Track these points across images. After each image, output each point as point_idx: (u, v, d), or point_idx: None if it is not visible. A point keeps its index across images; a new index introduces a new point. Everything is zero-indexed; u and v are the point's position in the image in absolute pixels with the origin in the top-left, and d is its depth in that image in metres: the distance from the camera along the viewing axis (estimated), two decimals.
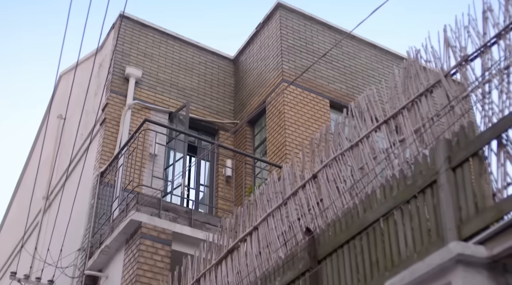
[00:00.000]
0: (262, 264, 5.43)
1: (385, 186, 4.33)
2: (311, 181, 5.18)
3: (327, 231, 4.73)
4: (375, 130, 4.75)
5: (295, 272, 4.88)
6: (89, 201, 9.82)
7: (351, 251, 4.44)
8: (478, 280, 3.22)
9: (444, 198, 3.78)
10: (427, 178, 3.99)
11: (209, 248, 6.31)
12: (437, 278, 3.32)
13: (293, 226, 5.20)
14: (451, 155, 3.86)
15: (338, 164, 4.96)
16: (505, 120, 3.63)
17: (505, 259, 3.27)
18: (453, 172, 3.83)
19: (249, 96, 11.70)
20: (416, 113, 4.47)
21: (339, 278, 4.46)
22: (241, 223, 5.93)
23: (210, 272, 6.16)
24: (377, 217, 4.29)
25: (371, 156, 4.69)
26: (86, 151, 10.96)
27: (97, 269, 9.05)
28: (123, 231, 8.45)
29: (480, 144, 3.71)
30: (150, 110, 10.99)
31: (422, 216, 3.96)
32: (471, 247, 3.29)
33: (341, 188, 4.83)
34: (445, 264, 3.27)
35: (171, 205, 8.86)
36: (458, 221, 3.64)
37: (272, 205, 5.56)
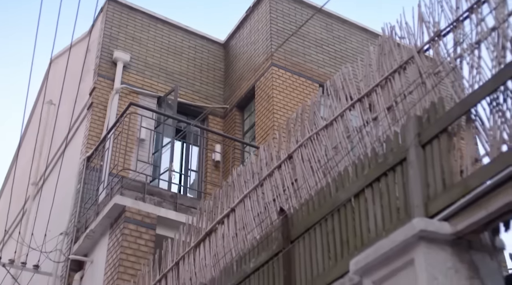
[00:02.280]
0: (238, 246, 5.36)
1: (357, 164, 4.25)
2: (286, 162, 5.10)
3: (300, 211, 4.65)
4: (350, 109, 4.67)
5: (269, 253, 4.81)
6: (75, 186, 9.75)
7: (322, 230, 4.37)
8: (442, 257, 3.15)
9: (412, 175, 3.70)
10: (398, 155, 3.91)
11: (188, 231, 6.25)
12: (400, 255, 3.25)
13: (268, 207, 5.13)
14: (421, 132, 3.78)
15: (313, 143, 4.88)
16: (474, 95, 3.54)
17: (470, 235, 3.19)
18: (423, 149, 3.75)
19: (238, 80, 11.60)
20: (389, 91, 4.39)
21: (311, 258, 4.38)
22: (219, 205, 5.86)
23: (189, 255, 6.09)
24: (349, 196, 4.21)
25: (344, 135, 4.61)
26: (74, 136, 10.90)
27: (83, 253, 9.00)
28: (107, 215, 8.39)
29: (449, 120, 3.62)
30: (138, 95, 10.90)
31: (392, 194, 3.88)
32: (435, 223, 3.21)
33: (315, 168, 4.75)
34: (408, 240, 3.20)
35: (156, 189, 8.80)
36: (426, 198, 3.56)
37: (248, 186, 5.48)
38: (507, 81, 3.34)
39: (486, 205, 3.07)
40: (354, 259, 3.48)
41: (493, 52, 3.60)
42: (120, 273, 7.79)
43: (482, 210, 3.08)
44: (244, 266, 5.10)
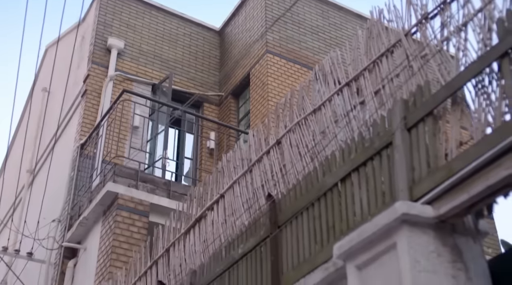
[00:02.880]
0: (226, 232, 5.33)
1: (344, 149, 4.21)
2: (275, 147, 5.06)
3: (288, 196, 4.62)
4: (337, 93, 4.62)
5: (257, 238, 4.78)
6: (68, 173, 9.72)
7: (309, 215, 4.34)
8: (424, 240, 3.12)
9: (398, 159, 3.66)
10: (384, 139, 3.86)
11: (179, 218, 6.22)
12: (383, 238, 3.21)
13: (256, 193, 5.10)
14: (407, 115, 3.74)
15: (301, 129, 4.84)
16: (459, 78, 3.49)
17: (453, 218, 3.15)
18: (409, 132, 3.70)
19: (234, 67, 11.55)
20: (377, 75, 4.34)
21: (298, 243, 4.35)
22: (209, 191, 5.83)
23: (179, 242, 6.07)
24: (335, 181, 4.18)
25: (332, 120, 4.56)
26: (68, 123, 10.87)
27: (76, 241, 8.99)
28: (100, 203, 8.37)
29: (435, 103, 3.58)
30: (133, 82, 10.86)
31: (378, 178, 3.84)
32: (417, 206, 3.18)
33: (303, 153, 4.71)
34: (391, 224, 3.16)
35: (149, 176, 8.78)
36: (411, 182, 3.52)
37: (238, 172, 5.45)
38: (492, 63, 3.29)
39: (469, 188, 3.03)
40: (338, 244, 3.45)
41: (479, 34, 3.55)
42: (113, 260, 7.78)
43: (464, 194, 3.04)
44: (232, 251, 5.08)
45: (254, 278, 4.71)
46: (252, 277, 4.74)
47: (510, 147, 2.87)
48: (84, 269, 8.58)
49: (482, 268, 3.18)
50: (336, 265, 3.55)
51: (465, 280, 3.10)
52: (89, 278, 8.22)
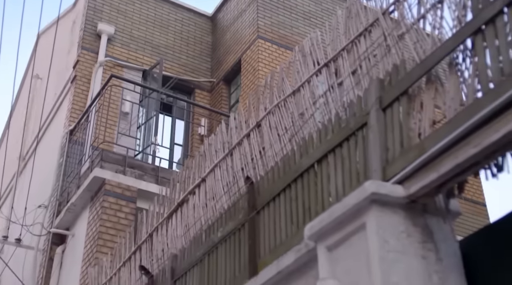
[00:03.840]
0: (207, 216, 5.28)
1: (321, 130, 4.15)
2: (255, 130, 5.00)
3: (266, 179, 4.56)
4: (316, 74, 4.55)
5: (236, 222, 4.73)
6: (57, 160, 9.67)
7: (286, 198, 4.28)
8: (394, 221, 3.05)
9: (372, 139, 3.60)
10: (359, 120, 3.80)
11: (162, 202, 6.17)
12: (353, 219, 3.15)
13: (236, 176, 5.04)
14: (382, 95, 3.67)
15: (280, 111, 4.77)
16: (434, 56, 3.42)
17: (423, 198, 3.09)
18: (384, 112, 3.63)
19: (225, 53, 11.47)
20: (355, 55, 4.27)
21: (275, 226, 4.30)
22: (191, 175, 5.77)
23: (162, 226, 6.02)
24: (312, 162, 4.11)
25: (311, 101, 4.49)
26: (58, 110, 10.81)
27: (65, 227, 8.95)
28: (87, 189, 8.32)
29: (409, 82, 3.51)
30: (123, 68, 10.78)
31: (353, 159, 3.78)
32: (387, 186, 3.11)
33: (282, 135, 4.64)
34: (360, 204, 3.10)
35: (137, 162, 8.72)
36: (384, 162, 3.45)
37: (219, 156, 5.38)
38: (466, 39, 3.22)
39: (438, 167, 2.97)
40: (309, 225, 3.39)
41: (455, 11, 3.47)
42: (99, 246, 7.74)
43: (434, 172, 2.98)
44: (212, 235, 5.02)
45: (233, 262, 4.66)
46: (230, 261, 4.69)
47: (479, 124, 2.80)
48: (72, 255, 8.54)
49: (453, 249, 3.12)
50: (308, 246, 3.49)
51: (435, 261, 3.04)
52: (76, 264, 8.18)
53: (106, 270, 7.01)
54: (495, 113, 2.75)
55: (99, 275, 7.16)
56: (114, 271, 6.79)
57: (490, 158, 2.80)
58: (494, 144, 2.73)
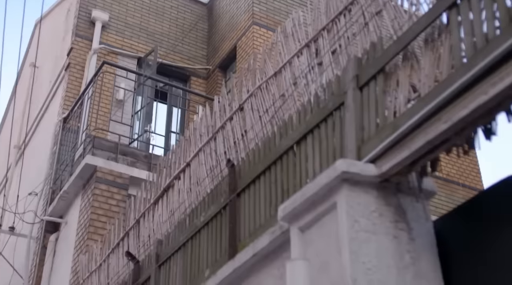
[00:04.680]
0: (191, 201, 5.22)
1: (300, 111, 4.07)
2: (238, 113, 4.93)
3: (247, 162, 4.49)
4: (297, 55, 4.47)
5: (218, 205, 4.67)
6: (51, 148, 9.63)
7: (266, 180, 4.21)
8: (365, 200, 2.98)
9: (348, 118, 3.52)
10: (337, 99, 3.72)
11: (150, 188, 6.11)
12: (325, 199, 3.08)
13: (220, 160, 4.97)
14: (360, 74, 3.59)
15: (262, 93, 4.70)
16: (410, 32, 3.33)
17: (395, 177, 3.02)
18: (360, 91, 3.56)
19: (221, 40, 11.38)
20: (335, 34, 4.18)
21: (255, 209, 4.23)
22: (176, 160, 5.71)
23: (148, 212, 5.97)
24: (291, 144, 4.04)
25: (291, 83, 4.42)
26: (53, 98, 10.76)
27: (58, 215, 8.92)
28: (79, 176, 8.27)
29: (386, 59, 3.43)
30: (118, 55, 10.70)
31: (330, 139, 3.70)
32: (358, 164, 3.04)
33: (263, 117, 4.57)
34: (331, 183, 3.03)
35: (129, 149, 8.66)
36: (360, 142, 3.37)
37: (203, 140, 5.32)
38: (441, 14, 3.13)
39: (410, 144, 2.89)
40: (282, 206, 3.32)
41: None
42: (90, 233, 7.70)
43: (406, 150, 2.90)
44: (195, 220, 4.97)
45: (214, 246, 4.60)
46: (212, 245, 4.64)
47: (449, 100, 2.72)
48: (65, 243, 8.51)
49: (427, 228, 3.05)
50: (282, 228, 3.43)
51: (407, 240, 2.97)
52: (69, 251, 8.15)
53: (96, 257, 6.98)
54: (464, 88, 2.67)
55: (90, 262, 7.13)
56: (104, 257, 6.76)
57: (460, 134, 2.72)
58: (463, 120, 2.65)
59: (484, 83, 2.58)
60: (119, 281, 6.20)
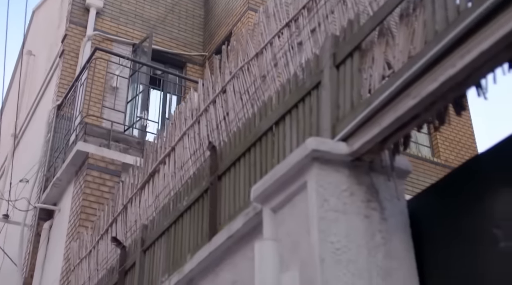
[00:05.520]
0: (175, 185, 5.16)
1: (280, 92, 4.00)
2: (220, 95, 4.85)
3: (229, 144, 4.42)
4: (278, 35, 4.38)
5: (200, 189, 4.60)
6: (44, 135, 9.58)
7: (246, 163, 4.14)
8: (336, 179, 2.90)
9: (324, 97, 3.44)
10: (314, 78, 3.64)
11: (137, 173, 6.05)
12: (296, 178, 3.00)
13: (203, 144, 4.90)
14: (336, 52, 3.50)
15: (244, 74, 4.61)
16: (385, 7, 3.24)
17: (367, 155, 2.94)
18: (337, 69, 3.47)
19: (217, 26, 11.28)
20: (314, 13, 4.09)
21: (234, 192, 4.17)
22: (162, 145, 5.65)
23: (135, 197, 5.91)
24: (270, 125, 3.97)
25: (272, 63, 4.33)
26: (48, 85, 10.71)
27: (52, 202, 8.88)
28: (71, 163, 8.23)
29: (362, 36, 3.34)
30: (112, 42, 10.63)
31: (308, 119, 3.62)
32: (329, 143, 2.96)
33: (244, 99, 4.49)
34: (302, 162, 2.95)
35: (122, 136, 8.61)
36: (335, 121, 3.29)
37: (188, 124, 5.25)
38: None
39: (380, 121, 2.81)
40: (254, 186, 3.25)
41: None
42: (82, 220, 7.66)
43: (376, 127, 2.82)
44: (178, 204, 4.91)
45: (196, 231, 4.54)
46: (194, 229, 4.58)
47: (419, 74, 2.64)
48: (58, 230, 8.47)
49: (400, 208, 2.97)
50: (256, 209, 3.36)
51: (379, 220, 2.90)
52: (62, 239, 8.12)
53: (87, 244, 6.94)
54: (434, 62, 2.58)
55: (80, 249, 7.09)
56: (94, 244, 6.71)
57: (430, 110, 2.64)
58: (432, 95, 2.57)
59: (453, 55, 2.50)
60: (107, 266, 6.16)
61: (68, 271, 7.42)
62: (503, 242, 2.48)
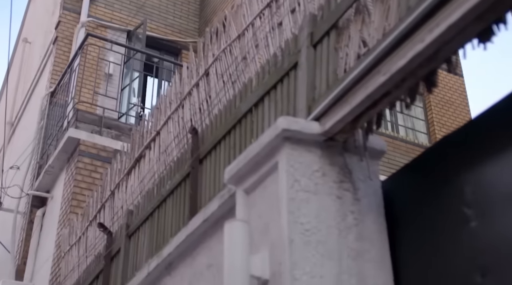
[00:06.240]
0: (160, 170, 5.10)
1: (259, 73, 3.93)
2: (203, 78, 4.78)
3: (210, 127, 4.36)
4: (260, 16, 4.30)
5: (182, 173, 4.55)
6: (38, 122, 9.54)
7: (226, 145, 4.09)
8: (308, 159, 2.84)
9: (301, 77, 3.37)
10: (292, 58, 3.57)
11: (124, 159, 6.00)
12: (267, 159, 2.94)
13: (186, 127, 4.84)
14: (314, 31, 3.43)
15: (226, 57, 4.54)
16: None
17: (340, 134, 2.87)
18: (314, 49, 3.40)
19: (212, 13, 11.20)
20: None
21: (215, 175, 4.11)
22: (148, 129, 5.59)
23: (122, 183, 5.86)
24: (250, 107, 3.90)
25: (253, 45, 4.26)
26: (42, 72, 10.65)
27: (45, 190, 8.84)
28: (63, 150, 8.18)
29: (339, 14, 3.26)
30: (107, 29, 10.55)
31: (285, 100, 3.56)
32: (300, 122, 2.89)
33: (226, 81, 4.42)
34: (273, 142, 2.88)
35: (114, 122, 8.55)
36: (310, 101, 3.23)
37: (172, 108, 5.19)
38: None
39: (351, 99, 2.74)
40: (228, 168, 3.18)
41: None
42: (73, 207, 7.62)
43: (347, 106, 2.75)
44: (162, 189, 4.85)
45: (178, 215, 4.49)
46: (176, 214, 4.53)
47: (389, 50, 2.56)
48: (51, 218, 8.44)
49: (374, 189, 2.90)
50: (230, 191, 3.30)
51: (351, 201, 2.83)
52: (54, 226, 8.08)
53: (76, 231, 6.90)
54: (403, 36, 2.51)
55: (70, 235, 7.05)
56: (83, 230, 6.67)
57: (400, 87, 2.57)
58: (402, 71, 2.49)
59: (422, 30, 2.42)
60: (95, 253, 6.12)
61: (59, 258, 7.38)
62: (473, 222, 2.41)
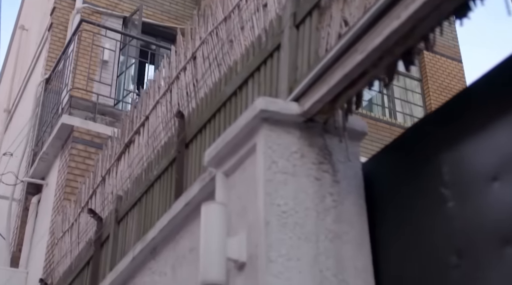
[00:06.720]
0: (148, 154, 5.06)
1: (244, 55, 3.88)
2: (191, 62, 4.73)
3: (196, 111, 4.32)
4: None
5: (169, 158, 4.51)
6: (33, 109, 9.50)
7: (212, 129, 4.04)
8: (287, 141, 2.79)
9: (283, 59, 3.32)
10: (275, 40, 3.52)
11: (114, 144, 5.96)
12: (246, 141, 2.89)
13: (173, 111, 4.79)
14: (297, 11, 3.37)
15: (212, 39, 4.49)
16: None
17: (319, 115, 2.82)
18: (297, 29, 3.34)
19: None
20: None
21: (201, 159, 4.06)
22: (138, 114, 5.54)
23: (112, 169, 5.83)
24: (234, 90, 3.86)
25: (238, 27, 4.20)
26: (38, 59, 10.60)
27: (40, 177, 8.81)
28: (57, 136, 8.15)
29: None
30: (102, 15, 10.48)
31: (268, 82, 3.51)
32: (279, 103, 2.84)
33: (212, 64, 4.37)
34: (251, 123, 2.83)
35: (109, 109, 8.51)
36: (292, 82, 3.17)
37: (161, 92, 5.14)
38: None
39: (329, 79, 2.69)
40: (208, 150, 3.14)
41: None
42: (67, 194, 7.59)
43: (325, 86, 2.70)
44: (150, 174, 4.82)
45: (165, 200, 4.45)
46: (163, 199, 4.49)
47: (365, 28, 2.51)
48: (45, 205, 8.42)
49: (354, 170, 2.85)
50: (211, 174, 3.25)
51: (331, 183, 2.78)
52: (48, 213, 8.06)
53: (69, 217, 6.88)
54: (380, 13, 2.45)
55: (63, 222, 7.03)
56: (75, 217, 6.65)
57: (377, 65, 2.51)
58: (379, 49, 2.44)
59: (398, 6, 2.36)
60: (86, 239, 6.10)
61: (53, 245, 7.37)
62: (451, 202, 2.37)
